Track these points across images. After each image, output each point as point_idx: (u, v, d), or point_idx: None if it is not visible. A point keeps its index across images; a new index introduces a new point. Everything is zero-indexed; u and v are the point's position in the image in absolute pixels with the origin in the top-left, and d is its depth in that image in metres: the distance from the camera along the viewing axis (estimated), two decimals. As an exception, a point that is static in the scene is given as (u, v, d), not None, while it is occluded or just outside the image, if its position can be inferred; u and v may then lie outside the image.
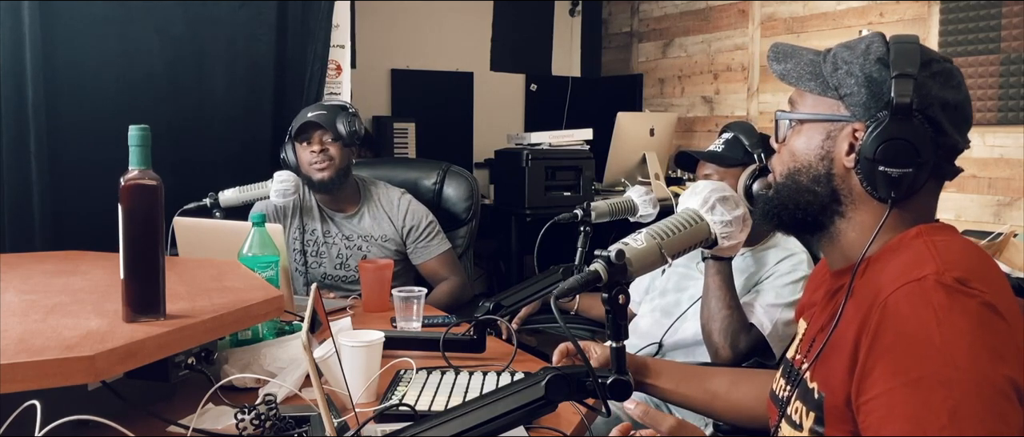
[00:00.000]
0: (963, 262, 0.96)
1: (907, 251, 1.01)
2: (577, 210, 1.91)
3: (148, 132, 1.16)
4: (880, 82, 1.04)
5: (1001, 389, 0.86)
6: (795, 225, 1.15)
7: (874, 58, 1.05)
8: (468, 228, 2.78)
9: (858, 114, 1.05)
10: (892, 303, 0.93)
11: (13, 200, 2.55)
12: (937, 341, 0.88)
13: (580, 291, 1.01)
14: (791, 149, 1.12)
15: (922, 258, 0.97)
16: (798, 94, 1.13)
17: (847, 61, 1.07)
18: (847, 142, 1.06)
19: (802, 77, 1.12)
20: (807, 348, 1.12)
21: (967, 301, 0.90)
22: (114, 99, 2.71)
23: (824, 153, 1.09)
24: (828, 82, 1.09)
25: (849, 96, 1.06)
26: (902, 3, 3.42)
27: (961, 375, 0.86)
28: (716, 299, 1.77)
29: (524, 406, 1.01)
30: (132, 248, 1.16)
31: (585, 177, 3.83)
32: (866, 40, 1.09)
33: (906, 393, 0.88)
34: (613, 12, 5.16)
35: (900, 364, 0.90)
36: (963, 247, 1.01)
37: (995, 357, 0.87)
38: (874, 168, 1.03)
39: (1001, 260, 2.65)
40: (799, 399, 1.10)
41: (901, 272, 0.96)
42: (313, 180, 2.40)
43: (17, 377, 0.97)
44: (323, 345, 1.32)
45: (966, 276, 0.92)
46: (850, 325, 0.99)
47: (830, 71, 1.09)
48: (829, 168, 1.08)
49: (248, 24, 2.99)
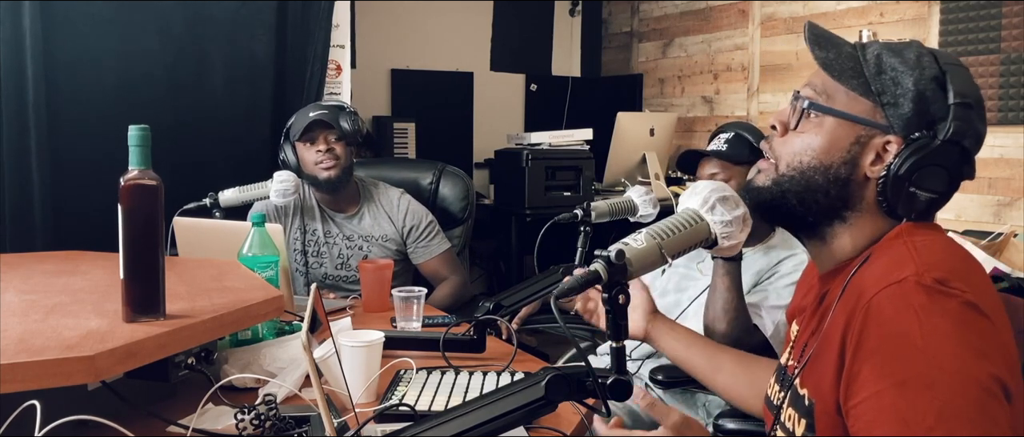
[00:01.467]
0: (943, 262, 0.95)
1: (888, 252, 1.01)
2: (577, 210, 1.91)
3: (148, 132, 1.16)
4: (932, 102, 1.01)
5: (987, 387, 0.86)
6: (792, 222, 1.12)
7: (929, 75, 1.02)
8: (464, 228, 2.79)
9: (897, 127, 1.02)
10: (874, 306, 0.93)
11: (13, 200, 2.55)
12: (920, 343, 0.88)
13: (580, 291, 1.01)
14: (808, 142, 1.07)
15: (902, 260, 0.96)
16: (831, 85, 1.07)
17: (896, 68, 1.03)
18: (875, 151, 1.03)
19: (846, 72, 1.06)
20: (799, 354, 1.11)
21: (948, 301, 0.90)
22: (114, 99, 2.72)
23: (849, 157, 1.04)
24: (870, 84, 1.04)
25: (891, 106, 1.03)
26: (902, 3, 3.42)
27: (946, 376, 0.86)
28: (723, 300, 1.77)
29: (524, 406, 1.01)
30: (132, 248, 1.16)
31: (585, 177, 3.83)
32: (914, 49, 1.05)
33: (892, 396, 0.88)
34: (613, 12, 5.16)
35: (885, 367, 0.90)
36: (943, 246, 1.01)
37: (979, 355, 0.87)
38: (902, 186, 1.01)
39: (1001, 260, 2.65)
40: (791, 406, 1.09)
41: (882, 274, 0.96)
42: (319, 179, 2.40)
43: (17, 377, 0.97)
44: (323, 345, 1.32)
45: (946, 276, 0.92)
46: (836, 329, 0.99)
47: (874, 73, 1.04)
48: (850, 173, 1.05)
49: (248, 24, 2.99)
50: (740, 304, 1.77)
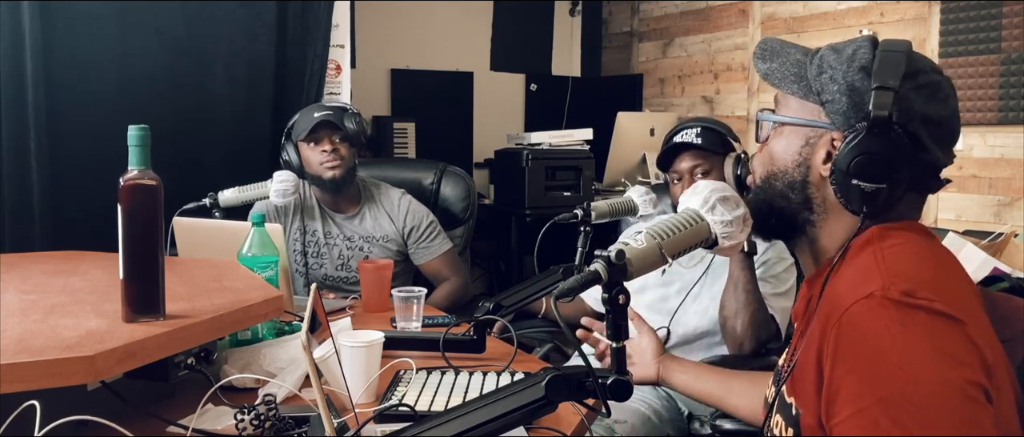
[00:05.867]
0: (908, 271, 0.94)
1: (856, 261, 1.00)
2: (577, 210, 1.91)
3: (148, 132, 1.16)
4: (861, 92, 1.01)
5: (966, 393, 0.85)
6: (770, 231, 1.14)
7: (858, 66, 1.02)
8: (465, 228, 2.79)
9: (838, 123, 1.03)
10: (845, 323, 0.92)
11: (13, 200, 2.55)
12: (895, 358, 0.87)
13: (580, 291, 1.01)
14: (771, 151, 1.11)
15: (869, 272, 0.95)
16: (783, 95, 1.11)
17: (832, 66, 1.04)
18: (825, 150, 1.04)
19: (785, 79, 1.08)
20: (790, 359, 1.11)
21: (916, 314, 0.89)
22: (114, 99, 2.72)
23: (801, 159, 1.06)
24: (811, 86, 1.06)
25: (830, 103, 1.03)
26: (902, 3, 3.42)
27: (925, 387, 0.85)
28: (746, 293, 1.79)
29: (524, 406, 1.01)
30: (132, 248, 1.16)
31: (585, 177, 3.83)
32: (854, 44, 1.05)
33: (875, 413, 0.87)
34: (613, 12, 5.16)
35: (864, 386, 0.89)
36: (912, 252, 0.99)
37: (954, 363, 0.86)
38: (847, 181, 1.01)
39: (1001, 260, 2.65)
40: (779, 412, 1.09)
41: (851, 287, 0.95)
42: (324, 179, 2.40)
43: (17, 377, 0.97)
44: (323, 345, 1.32)
45: (911, 286, 0.91)
46: (813, 340, 0.99)
47: (815, 75, 1.06)
48: (805, 176, 1.06)
49: (248, 24, 2.99)
50: (758, 296, 1.79)
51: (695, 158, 2.00)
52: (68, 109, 2.64)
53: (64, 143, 2.63)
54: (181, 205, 2.20)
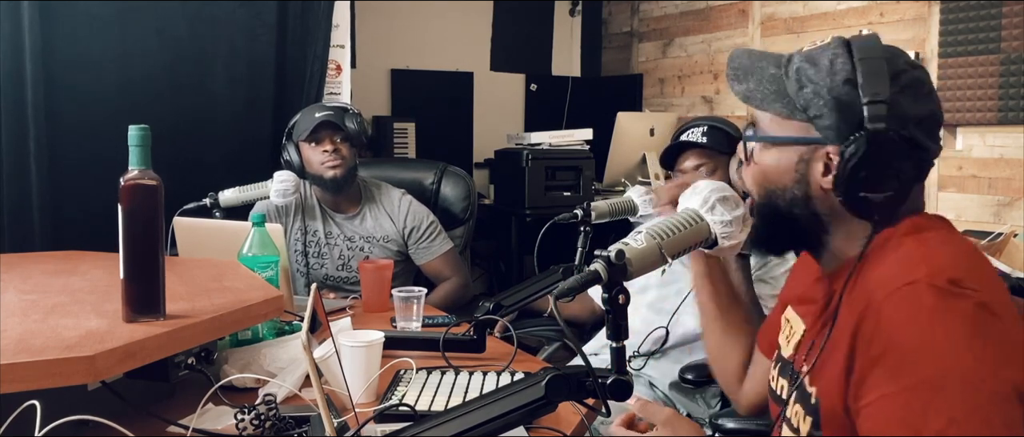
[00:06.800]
0: (955, 261, 0.95)
1: (897, 250, 1.00)
2: (577, 210, 1.91)
3: (148, 132, 1.16)
4: (850, 104, 1.00)
5: (1001, 392, 0.85)
6: (782, 247, 1.15)
7: (841, 79, 1.01)
8: (465, 228, 2.79)
9: (830, 138, 1.02)
10: (886, 309, 0.92)
11: (13, 200, 2.55)
12: (932, 346, 0.88)
13: (580, 291, 1.01)
14: (762, 168, 1.09)
15: (913, 259, 0.96)
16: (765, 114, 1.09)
17: (813, 80, 1.03)
18: (822, 163, 1.03)
19: (767, 99, 1.07)
20: (806, 350, 1.11)
21: (962, 303, 0.89)
22: (114, 99, 2.72)
23: (799, 176, 1.06)
24: (795, 103, 1.04)
25: (818, 118, 1.03)
26: (902, 3, 3.42)
27: (957, 380, 0.85)
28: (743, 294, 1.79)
29: (524, 406, 1.01)
30: (132, 248, 1.16)
31: (585, 177, 3.83)
32: (829, 53, 1.03)
33: (903, 399, 0.87)
34: (613, 12, 5.16)
35: (896, 371, 0.89)
36: (955, 244, 1.00)
37: (992, 359, 0.87)
38: (855, 193, 1.01)
39: (1001, 260, 2.65)
40: (798, 402, 1.09)
41: (892, 275, 0.95)
42: (325, 178, 2.40)
43: (17, 377, 0.97)
44: (323, 345, 1.32)
45: (959, 276, 0.91)
46: (844, 330, 0.98)
47: (796, 90, 1.04)
48: (805, 191, 1.06)
49: (248, 24, 2.99)
50: (753, 298, 1.79)
51: (700, 157, 2.00)
52: (68, 109, 2.64)
53: (64, 143, 2.63)
54: (181, 205, 2.20)
